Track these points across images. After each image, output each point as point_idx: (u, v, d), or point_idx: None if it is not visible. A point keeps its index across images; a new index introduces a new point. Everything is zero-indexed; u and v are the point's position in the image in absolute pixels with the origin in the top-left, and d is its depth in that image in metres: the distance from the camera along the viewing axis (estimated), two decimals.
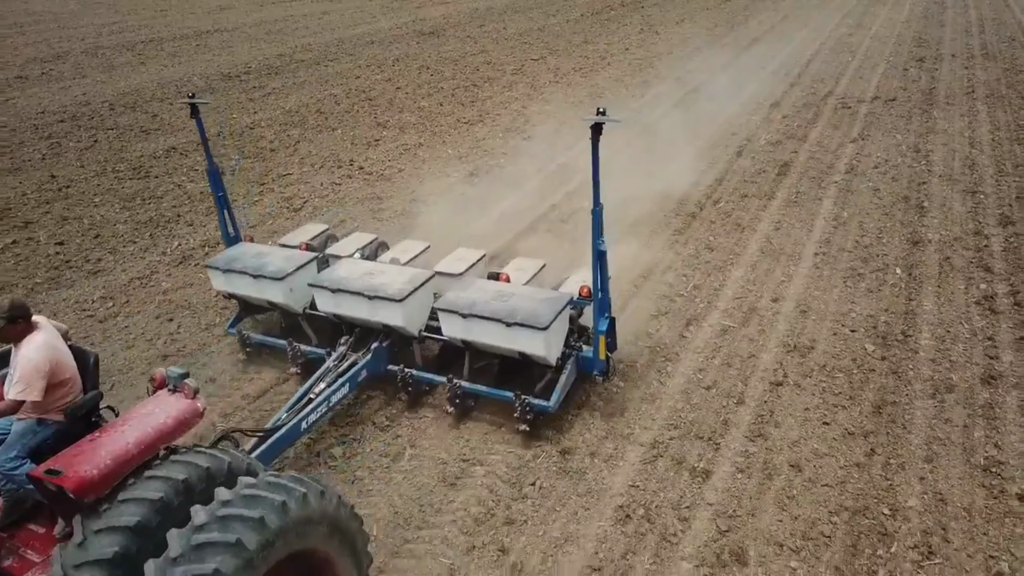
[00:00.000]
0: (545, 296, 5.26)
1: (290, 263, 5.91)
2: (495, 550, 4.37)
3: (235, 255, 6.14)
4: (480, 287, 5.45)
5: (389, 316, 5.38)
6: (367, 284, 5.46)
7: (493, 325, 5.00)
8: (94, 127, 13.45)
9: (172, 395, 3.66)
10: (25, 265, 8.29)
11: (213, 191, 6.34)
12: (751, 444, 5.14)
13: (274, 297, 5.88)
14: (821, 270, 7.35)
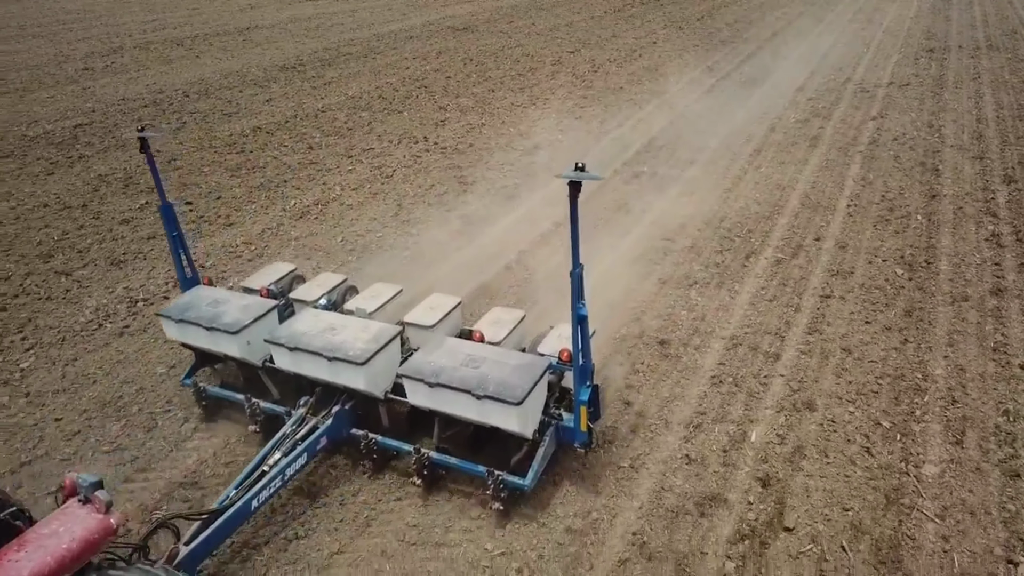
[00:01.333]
0: (520, 362, 4.75)
1: (247, 313, 5.47)
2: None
3: (190, 302, 5.71)
4: (449, 349, 4.94)
5: (351, 379, 4.93)
6: (327, 343, 5.00)
7: (462, 396, 4.53)
8: (177, 111, 14.91)
9: (82, 508, 3.30)
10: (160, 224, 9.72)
11: (167, 230, 5.81)
12: (809, 336, 6.58)
13: (230, 351, 5.45)
14: (853, 218, 8.83)
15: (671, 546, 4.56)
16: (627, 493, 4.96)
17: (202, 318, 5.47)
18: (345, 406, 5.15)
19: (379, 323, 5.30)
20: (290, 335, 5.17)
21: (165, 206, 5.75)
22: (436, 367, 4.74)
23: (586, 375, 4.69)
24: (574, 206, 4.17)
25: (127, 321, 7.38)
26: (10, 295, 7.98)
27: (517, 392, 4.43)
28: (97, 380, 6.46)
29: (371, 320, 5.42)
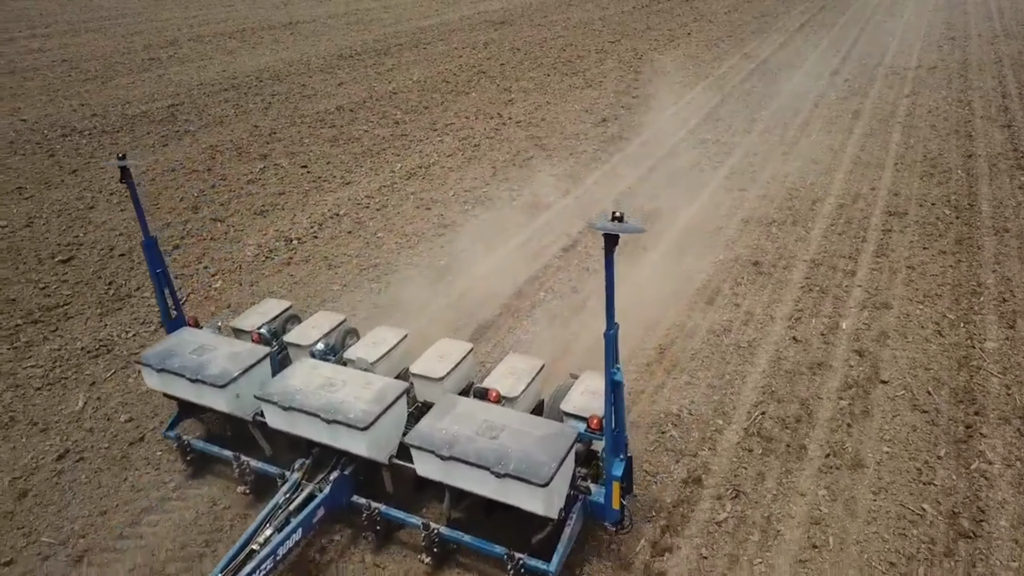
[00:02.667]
0: (545, 432, 4.26)
1: (236, 363, 4.99)
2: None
3: (172, 348, 5.21)
4: (463, 413, 4.45)
5: (352, 444, 4.50)
6: (325, 402, 4.55)
7: (479, 472, 4.06)
8: (257, 93, 16.30)
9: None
10: (288, 180, 11.11)
11: (150, 267, 5.35)
12: (877, 258, 7.96)
13: (217, 405, 4.98)
14: (901, 173, 10.23)
15: (793, 393, 5.93)
16: (749, 362, 6.33)
17: (186, 368, 4.96)
18: (345, 471, 4.67)
19: (382, 378, 4.82)
20: (283, 392, 4.67)
21: (148, 241, 5.25)
22: (449, 436, 4.23)
23: (620, 446, 4.21)
24: (610, 260, 3.62)
25: (289, 254, 8.76)
26: (177, 237, 9.34)
27: (542, 471, 3.92)
28: (283, 296, 7.82)
29: (373, 374, 4.94)
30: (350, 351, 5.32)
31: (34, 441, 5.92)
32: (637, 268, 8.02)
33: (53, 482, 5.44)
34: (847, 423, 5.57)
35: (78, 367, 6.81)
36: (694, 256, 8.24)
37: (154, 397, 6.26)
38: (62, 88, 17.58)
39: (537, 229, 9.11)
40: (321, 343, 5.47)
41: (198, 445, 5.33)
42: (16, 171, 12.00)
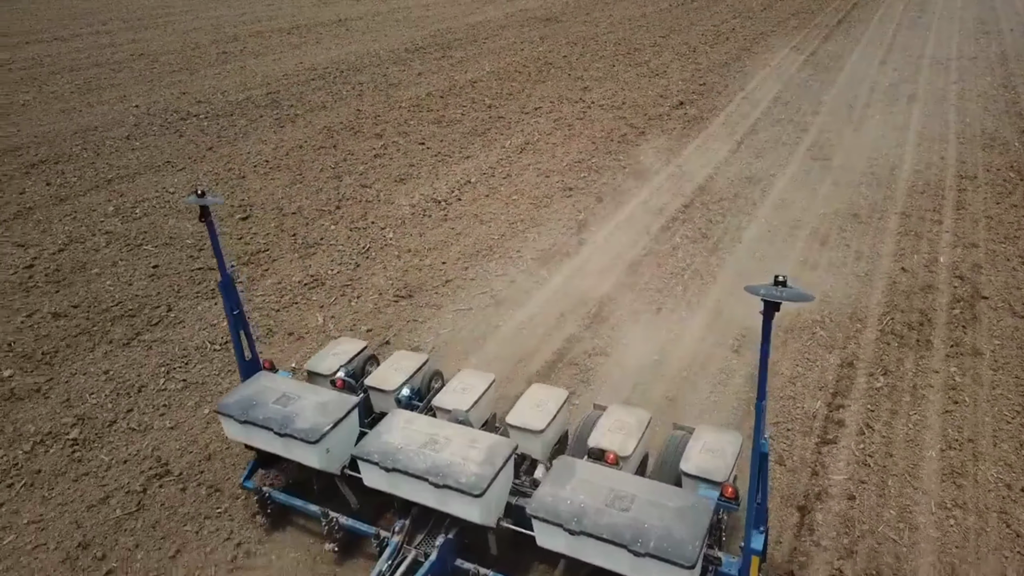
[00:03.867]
0: (681, 504, 4.12)
1: (326, 415, 4.87)
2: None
3: (252, 396, 5.10)
4: (585, 480, 4.31)
5: (463, 510, 4.38)
6: (431, 464, 4.43)
7: (614, 550, 3.92)
8: (345, 82, 17.79)
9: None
10: (411, 154, 12.60)
11: (227, 307, 5.13)
12: (958, 211, 9.55)
13: (307, 460, 4.85)
14: (964, 145, 11.79)
15: (912, 306, 7.40)
16: (870, 286, 7.80)
17: (272, 420, 4.83)
18: (449, 534, 4.55)
19: (487, 435, 4.73)
20: (384, 451, 4.57)
21: (225, 280, 5.05)
22: (576, 508, 4.07)
23: (762, 519, 4.08)
24: (768, 328, 3.39)
25: (443, 212, 10.24)
26: (335, 200, 10.82)
27: (688, 551, 3.78)
28: (452, 243, 9.29)
29: (475, 429, 4.87)
30: (439, 399, 5.18)
31: (294, 346, 7.38)
32: (754, 218, 9.52)
33: None
34: (961, 325, 7.07)
35: (304, 295, 8.28)
36: (798, 211, 9.76)
37: (380, 309, 7.72)
38: (154, 79, 19.07)
39: (653, 190, 10.62)
40: (406, 388, 5.33)
41: (280, 498, 5.19)
42: (157, 148, 13.47)
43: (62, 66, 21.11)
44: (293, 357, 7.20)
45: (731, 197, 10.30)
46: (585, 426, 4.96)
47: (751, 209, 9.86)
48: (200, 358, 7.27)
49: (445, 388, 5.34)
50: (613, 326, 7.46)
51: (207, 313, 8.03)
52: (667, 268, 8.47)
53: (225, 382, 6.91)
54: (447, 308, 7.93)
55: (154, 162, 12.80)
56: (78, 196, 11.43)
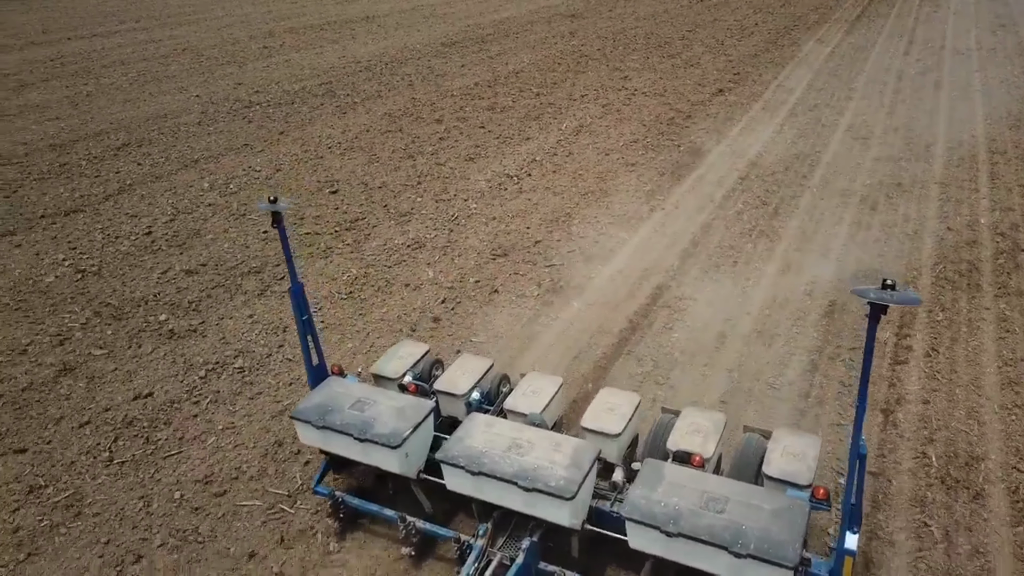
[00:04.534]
0: (776, 504, 4.23)
1: (404, 421, 4.97)
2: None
3: (326, 401, 5.22)
4: (676, 483, 4.41)
5: (552, 513, 4.47)
6: (518, 468, 4.54)
7: (713, 551, 4.02)
8: (393, 74, 18.81)
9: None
10: (474, 137, 13.62)
11: (296, 313, 5.28)
12: (992, 181, 10.56)
13: (387, 465, 4.96)
14: (992, 126, 12.88)
15: (960, 257, 8.42)
16: (920, 242, 8.81)
17: (350, 426, 4.95)
18: (534, 537, 4.65)
19: (570, 439, 4.85)
20: (469, 455, 4.67)
21: (295, 288, 5.19)
22: (671, 510, 4.18)
23: (857, 520, 4.14)
24: (872, 331, 3.55)
25: (518, 186, 11.26)
26: (415, 177, 11.82)
27: (789, 552, 3.87)
28: (531, 211, 10.28)
29: (558, 434, 4.94)
30: (510, 402, 5.33)
31: (413, 295, 8.37)
32: (806, 188, 10.53)
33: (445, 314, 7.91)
34: (1006, 272, 8.11)
35: (409, 254, 9.28)
36: (846, 182, 10.80)
37: (481, 265, 8.72)
38: (205, 71, 20.08)
39: (709, 165, 11.66)
40: (476, 392, 5.48)
41: (354, 503, 5.30)
42: (230, 133, 14.48)
43: (111, 60, 22.13)
44: (413, 304, 8.20)
45: (782, 171, 11.33)
46: (659, 429, 5.06)
47: (802, 181, 10.89)
48: (330, 305, 8.27)
49: (515, 391, 5.46)
50: (695, 276, 8.48)
51: (324, 270, 9.03)
52: (736, 229, 9.49)
53: (357, 323, 7.90)
54: (540, 264, 8.94)
55: (232, 144, 13.80)
56: (171, 174, 12.43)
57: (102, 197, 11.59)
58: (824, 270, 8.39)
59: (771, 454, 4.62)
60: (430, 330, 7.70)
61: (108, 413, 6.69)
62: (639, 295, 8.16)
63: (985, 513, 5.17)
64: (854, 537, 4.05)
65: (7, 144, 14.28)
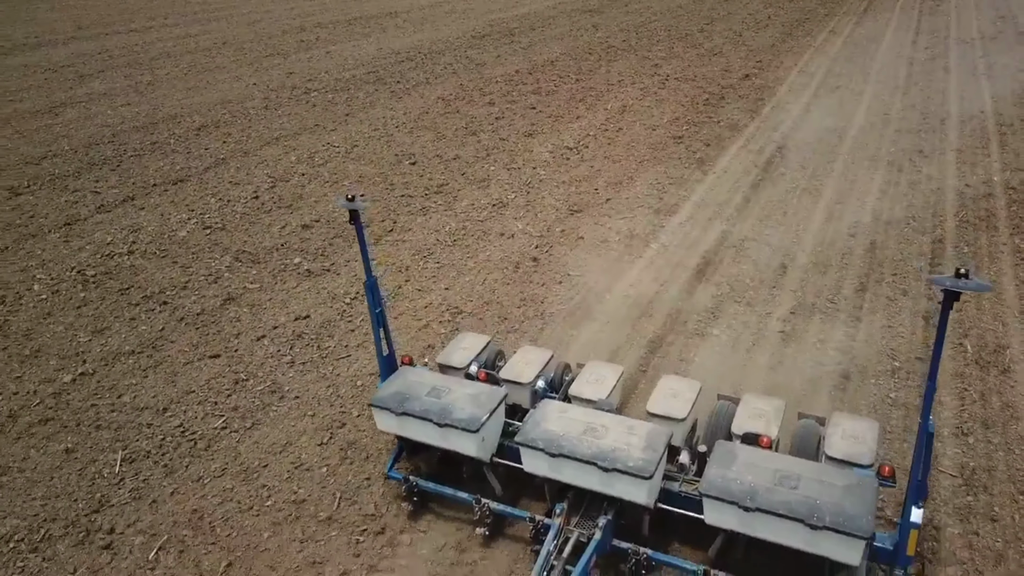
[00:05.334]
0: (848, 481, 4.53)
1: (480, 407, 5.31)
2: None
3: (403, 390, 5.56)
4: (750, 462, 4.73)
5: (631, 492, 4.77)
6: (597, 450, 4.85)
7: (790, 525, 4.29)
8: (434, 63, 20.24)
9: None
10: (528, 116, 15.08)
11: (370, 305, 5.65)
12: (1003, 149, 12.14)
13: (465, 449, 5.28)
14: (999, 103, 14.51)
15: (979, 206, 9.92)
16: (942, 194, 10.31)
17: (430, 412, 5.28)
18: (609, 515, 4.93)
19: (642, 423, 5.16)
20: (547, 438, 4.99)
21: (370, 281, 5.57)
22: (747, 487, 4.50)
23: (923, 494, 4.42)
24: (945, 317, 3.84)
25: (578, 156, 12.73)
26: (483, 150, 13.27)
27: (863, 523, 4.18)
28: (595, 176, 11.72)
29: (630, 419, 5.27)
30: (575, 388, 5.72)
31: (509, 242, 9.81)
32: (838, 155, 12.05)
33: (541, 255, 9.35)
34: (1018, 217, 9.69)
35: (496, 212, 10.74)
36: (872, 150, 12.35)
37: (561, 219, 10.14)
38: (252, 63, 21.46)
39: (748, 138, 13.22)
40: (540, 380, 5.86)
41: (429, 487, 5.60)
42: (298, 115, 15.88)
43: (157, 53, 23.46)
44: (511, 248, 9.64)
45: (815, 142, 12.87)
46: (719, 415, 5.45)
47: (834, 149, 12.43)
48: (441, 250, 9.70)
49: (578, 378, 5.85)
50: (752, 224, 9.98)
51: (426, 224, 10.46)
52: (781, 187, 11.01)
53: (468, 264, 9.33)
54: (614, 217, 10.40)
55: (305, 125, 15.19)
56: (257, 150, 13.82)
57: (202, 169, 12.98)
58: (863, 217, 9.91)
59: (831, 437, 4.97)
60: (531, 268, 9.15)
61: (277, 330, 8.09)
62: (707, 239, 9.65)
63: (1011, 382, 6.66)
64: (919, 511, 4.32)
65: (93, 127, 15.63)
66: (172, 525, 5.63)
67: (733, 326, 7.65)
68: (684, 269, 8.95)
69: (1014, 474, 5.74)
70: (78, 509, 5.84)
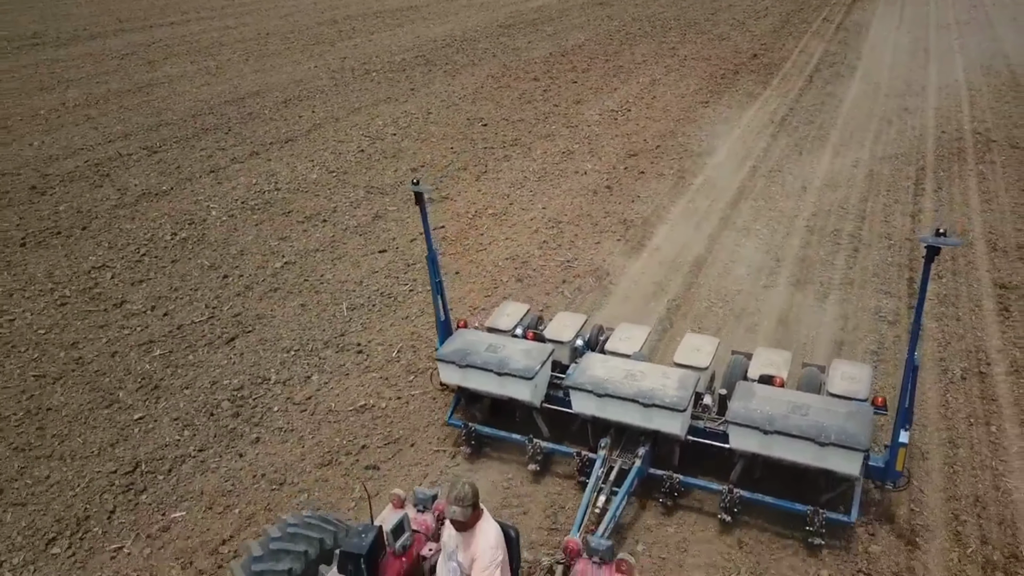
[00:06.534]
0: (849, 408, 5.48)
1: (533, 359, 6.27)
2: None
3: (463, 347, 6.50)
4: (766, 397, 5.65)
5: (667, 424, 5.68)
6: (637, 390, 5.75)
7: (801, 444, 5.22)
8: (472, 49, 22.96)
9: (601, 569, 4.19)
10: (571, 89, 17.83)
11: (431, 276, 6.57)
12: (972, 107, 15.07)
13: (520, 395, 6.22)
14: (970, 74, 17.56)
15: (952, 146, 12.81)
16: (924, 139, 13.18)
17: (490, 363, 6.22)
18: (647, 447, 5.85)
19: (675, 369, 6.11)
20: (594, 382, 5.91)
21: (431, 255, 6.48)
22: (766, 415, 5.41)
23: (909, 419, 5.33)
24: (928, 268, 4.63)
25: (624, 117, 15.51)
26: (540, 115, 16.00)
27: (862, 439, 5.13)
28: (641, 131, 14.48)
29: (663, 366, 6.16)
30: (610, 345, 6.67)
31: (584, 178, 12.50)
32: (839, 113, 14.93)
33: (613, 185, 12.04)
34: (982, 151, 12.71)
35: (565, 158, 13.47)
36: (867, 109, 15.32)
37: (622, 160, 12.85)
38: (303, 49, 24.07)
39: (763, 102, 16.15)
40: (579, 339, 6.90)
41: (485, 431, 6.57)
42: (368, 91, 18.53)
43: (208, 43, 25.99)
44: (586, 182, 12.35)
45: (819, 104, 15.80)
46: (735, 365, 6.51)
47: (835, 109, 15.37)
48: (531, 183, 12.48)
49: (612, 337, 6.82)
50: (776, 160, 12.87)
51: (512, 167, 13.21)
52: (795, 136, 13.94)
53: (555, 191, 12.01)
54: (666, 158, 13.22)
55: (378, 98, 17.85)
56: (344, 118, 16.46)
57: (304, 131, 15.60)
58: (863, 154, 12.82)
59: (832, 379, 5.93)
60: (607, 194, 11.91)
61: (437, 231, 10.71)
62: (741, 171, 12.51)
63: (974, 256, 9.49)
64: (907, 433, 5.27)
65: (188, 102, 18.18)
66: (401, 339, 8.31)
67: (771, 225, 10.47)
68: (727, 191, 11.77)
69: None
70: (327, 336, 8.50)
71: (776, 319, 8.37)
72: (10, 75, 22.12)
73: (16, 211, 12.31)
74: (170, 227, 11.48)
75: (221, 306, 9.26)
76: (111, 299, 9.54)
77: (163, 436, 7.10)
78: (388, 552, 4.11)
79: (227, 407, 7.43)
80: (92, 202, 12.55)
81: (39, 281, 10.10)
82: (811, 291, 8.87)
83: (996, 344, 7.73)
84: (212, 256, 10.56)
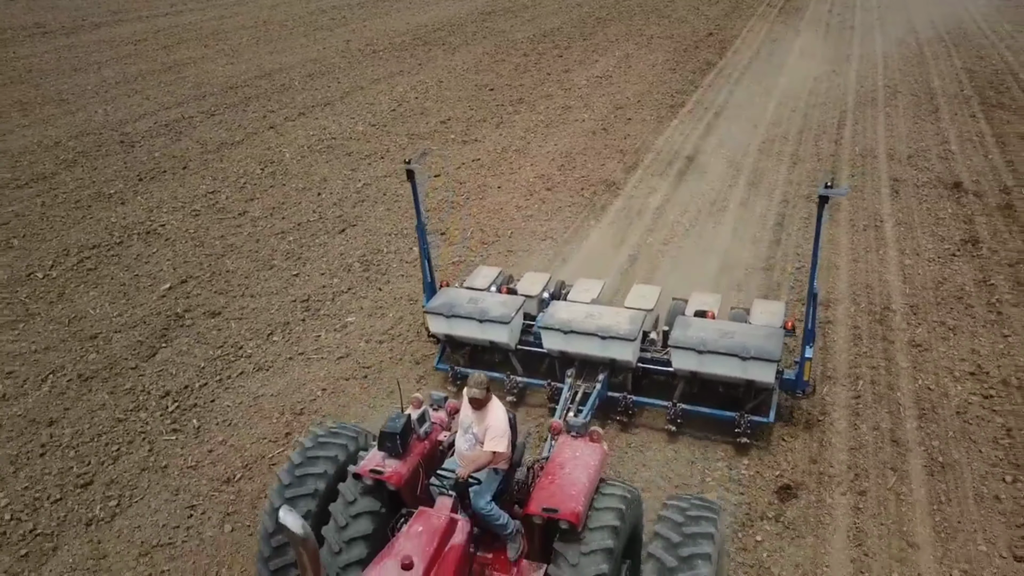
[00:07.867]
0: (766, 332, 6.93)
1: (509, 307, 7.59)
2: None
3: (448, 301, 7.77)
4: (700, 325, 7.13)
5: (620, 352, 7.05)
6: (597, 325, 7.10)
7: (728, 360, 6.63)
8: (461, 33, 26.16)
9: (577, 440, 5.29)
10: (556, 63, 21.20)
11: (420, 243, 7.79)
12: (887, 69, 18.91)
13: (498, 338, 7.54)
14: (887, 45, 21.59)
15: (867, 96, 16.63)
16: (846, 91, 16.98)
17: (473, 313, 7.56)
18: (605, 373, 7.27)
19: (627, 309, 7.58)
20: (561, 321, 7.34)
21: (420, 225, 7.78)
22: (700, 339, 6.87)
23: (812, 338, 6.88)
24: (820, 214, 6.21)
25: (608, 81, 18.95)
26: (536, 81, 19.32)
27: (775, 353, 6.65)
28: (624, 91, 17.94)
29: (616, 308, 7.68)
30: (572, 295, 8.17)
31: (582, 124, 15.87)
32: (786, 65, 18.67)
33: (609, 128, 15.44)
34: (891, 99, 16.49)
35: (566, 111, 16.90)
36: (805, 69, 19.25)
37: (612, 112, 16.25)
38: (305, 35, 26.90)
39: (721, 67, 19.94)
40: (546, 292, 8.34)
41: (463, 371, 7.94)
42: (379, 66, 21.65)
43: (211, 30, 28.59)
44: (585, 127, 15.68)
45: (767, 68, 19.77)
46: (674, 308, 8.05)
47: (778, 71, 19.36)
48: (540, 129, 15.74)
49: (572, 290, 8.34)
50: (733, 109, 16.49)
51: (521, 119, 16.50)
52: (748, 92, 17.63)
53: (562, 134, 15.32)
54: (646, 109, 16.75)
55: (391, 72, 20.94)
56: (366, 88, 19.51)
57: (336, 98, 18.64)
58: (799, 103, 16.70)
59: (754, 314, 7.56)
60: (604, 134, 15.37)
61: (467, 164, 13.90)
62: (707, 117, 16.13)
63: (877, 163, 13.19)
64: (811, 349, 6.90)
65: (220, 77, 20.96)
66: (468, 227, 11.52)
67: (733, 148, 14.09)
68: (696, 130, 15.40)
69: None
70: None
71: (739, 203, 12.00)
72: (37, 59, 24.47)
73: (118, 159, 15.11)
74: (257, 164, 14.50)
75: (325, 212, 12.38)
76: (234, 211, 12.53)
77: (318, 283, 10.25)
78: (414, 436, 5.37)
79: (358, 267, 10.61)
80: (180, 150, 15.42)
81: (167, 202, 13.02)
82: (763, 188, 12.52)
83: (888, 211, 11.45)
84: (300, 183, 13.64)
